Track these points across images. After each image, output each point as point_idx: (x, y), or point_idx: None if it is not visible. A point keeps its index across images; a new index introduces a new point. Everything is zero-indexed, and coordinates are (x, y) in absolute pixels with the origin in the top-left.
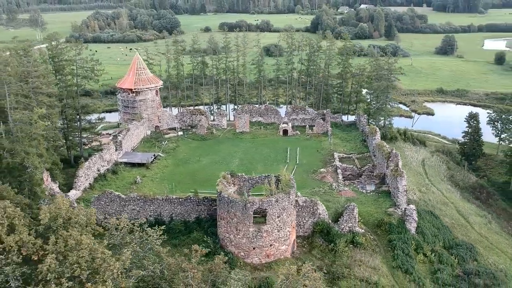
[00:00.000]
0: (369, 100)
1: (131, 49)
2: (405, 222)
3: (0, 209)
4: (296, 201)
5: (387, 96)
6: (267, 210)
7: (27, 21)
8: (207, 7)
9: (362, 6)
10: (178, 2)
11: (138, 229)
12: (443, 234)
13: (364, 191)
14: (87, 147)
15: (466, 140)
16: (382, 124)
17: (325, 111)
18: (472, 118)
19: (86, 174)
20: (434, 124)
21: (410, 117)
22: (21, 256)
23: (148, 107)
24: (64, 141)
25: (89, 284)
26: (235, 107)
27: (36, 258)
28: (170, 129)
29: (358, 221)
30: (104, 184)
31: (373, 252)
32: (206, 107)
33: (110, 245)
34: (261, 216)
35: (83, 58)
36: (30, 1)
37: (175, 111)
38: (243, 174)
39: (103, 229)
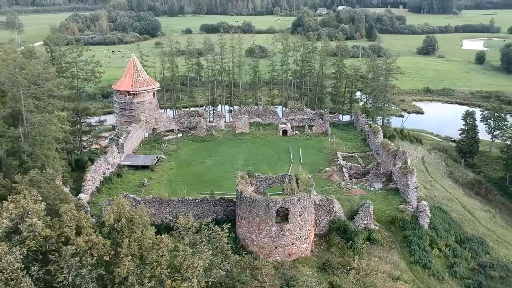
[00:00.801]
0: (364, 100)
1: (113, 51)
2: (418, 218)
3: (67, 212)
4: None
5: (385, 95)
6: (289, 209)
7: (3, 23)
8: (185, 8)
9: (340, 7)
10: (156, 4)
11: (205, 227)
12: (454, 229)
13: (372, 189)
14: (86, 150)
15: (463, 138)
16: (381, 123)
17: (322, 111)
18: (469, 116)
19: (93, 178)
20: (423, 123)
21: (401, 116)
22: (94, 258)
23: (146, 109)
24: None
25: (169, 281)
26: (231, 108)
27: (107, 259)
28: (167, 131)
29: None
30: (111, 187)
31: (390, 248)
32: (202, 108)
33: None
34: (280, 216)
35: (84, 60)
36: (2, 3)
37: (170, 113)
38: (260, 174)
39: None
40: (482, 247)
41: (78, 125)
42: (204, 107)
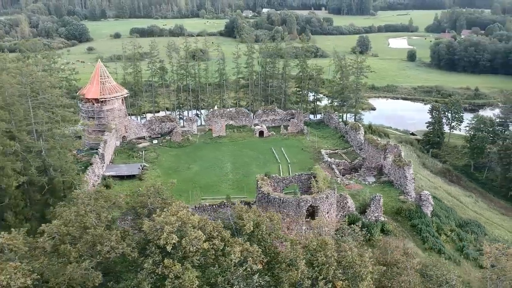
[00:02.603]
0: (331, 99)
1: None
2: (422, 207)
3: (209, 224)
4: None
5: (357, 93)
6: (318, 207)
7: None
8: (107, 12)
9: (264, 10)
10: (76, 8)
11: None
12: (452, 215)
13: (366, 183)
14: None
15: (430, 130)
16: (353, 120)
17: (294, 111)
18: (435, 110)
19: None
20: (378, 119)
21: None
22: (256, 266)
23: (116, 117)
24: None
25: (340, 282)
26: (197, 112)
27: (260, 267)
28: (138, 138)
29: None
30: None
31: (403, 238)
32: (168, 113)
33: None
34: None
35: (58, 68)
36: None
37: (134, 119)
38: (276, 175)
39: None
40: (480, 229)
41: None
42: (170, 112)
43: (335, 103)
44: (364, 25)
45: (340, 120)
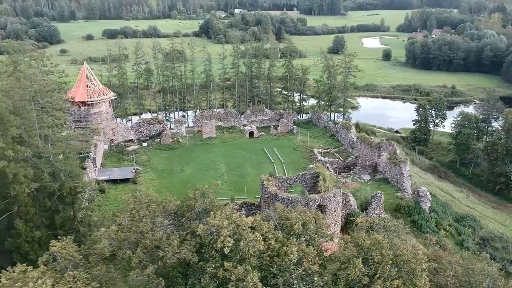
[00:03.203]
0: (318, 98)
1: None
2: (420, 203)
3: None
4: None
5: (346, 93)
6: (326, 206)
7: None
8: (76, 14)
9: (236, 10)
10: (43, 9)
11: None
12: (448, 210)
13: (361, 181)
14: None
15: (417, 127)
16: (342, 119)
17: (282, 111)
18: (421, 108)
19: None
20: (361, 117)
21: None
22: (314, 267)
23: (103, 120)
24: None
25: (396, 281)
26: (184, 114)
27: (317, 267)
28: (126, 141)
29: None
30: (100, 203)
31: (405, 234)
32: (155, 115)
33: None
34: None
35: (47, 70)
36: None
37: (121, 122)
38: (280, 175)
39: None
40: (476, 223)
41: None
42: (157, 114)
43: (322, 103)
44: (337, 25)
45: (332, 120)
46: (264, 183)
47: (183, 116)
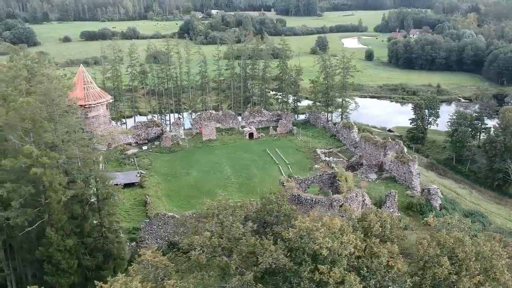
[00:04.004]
0: (314, 99)
1: None
2: (431, 201)
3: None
4: None
5: (345, 93)
6: (350, 205)
7: None
8: (50, 15)
9: (213, 11)
10: (15, 11)
11: None
12: (457, 206)
13: (369, 180)
14: None
15: (413, 126)
16: (340, 119)
17: (280, 112)
18: (417, 107)
19: None
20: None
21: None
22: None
23: (101, 123)
24: None
25: (477, 277)
26: (179, 116)
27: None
28: (124, 144)
29: None
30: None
31: (420, 231)
32: (150, 117)
33: None
34: None
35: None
36: None
37: (119, 125)
38: (298, 176)
39: None
40: (484, 219)
41: None
42: (152, 116)
43: (317, 103)
44: (316, 25)
45: (333, 121)
46: (284, 184)
47: (179, 118)
